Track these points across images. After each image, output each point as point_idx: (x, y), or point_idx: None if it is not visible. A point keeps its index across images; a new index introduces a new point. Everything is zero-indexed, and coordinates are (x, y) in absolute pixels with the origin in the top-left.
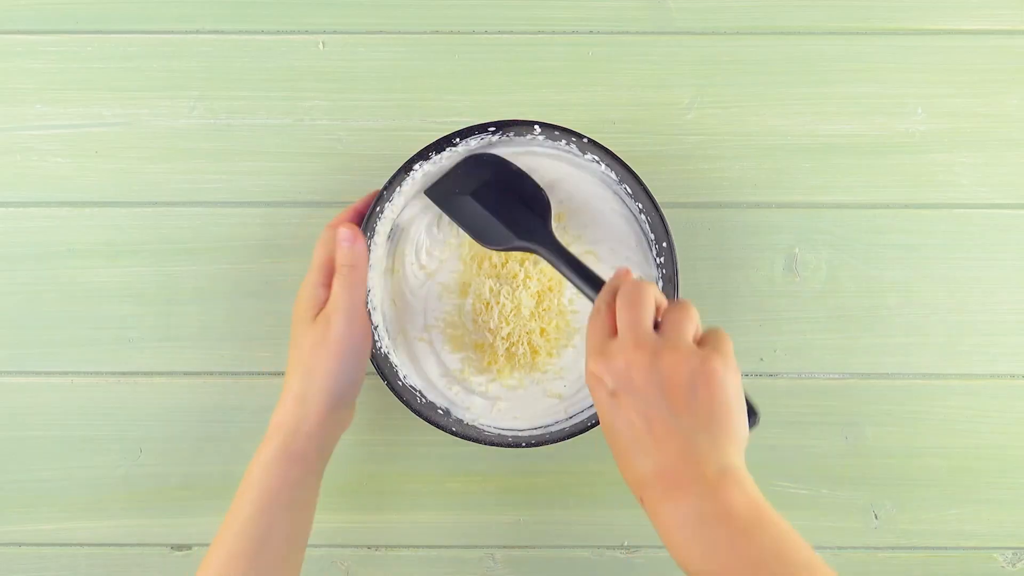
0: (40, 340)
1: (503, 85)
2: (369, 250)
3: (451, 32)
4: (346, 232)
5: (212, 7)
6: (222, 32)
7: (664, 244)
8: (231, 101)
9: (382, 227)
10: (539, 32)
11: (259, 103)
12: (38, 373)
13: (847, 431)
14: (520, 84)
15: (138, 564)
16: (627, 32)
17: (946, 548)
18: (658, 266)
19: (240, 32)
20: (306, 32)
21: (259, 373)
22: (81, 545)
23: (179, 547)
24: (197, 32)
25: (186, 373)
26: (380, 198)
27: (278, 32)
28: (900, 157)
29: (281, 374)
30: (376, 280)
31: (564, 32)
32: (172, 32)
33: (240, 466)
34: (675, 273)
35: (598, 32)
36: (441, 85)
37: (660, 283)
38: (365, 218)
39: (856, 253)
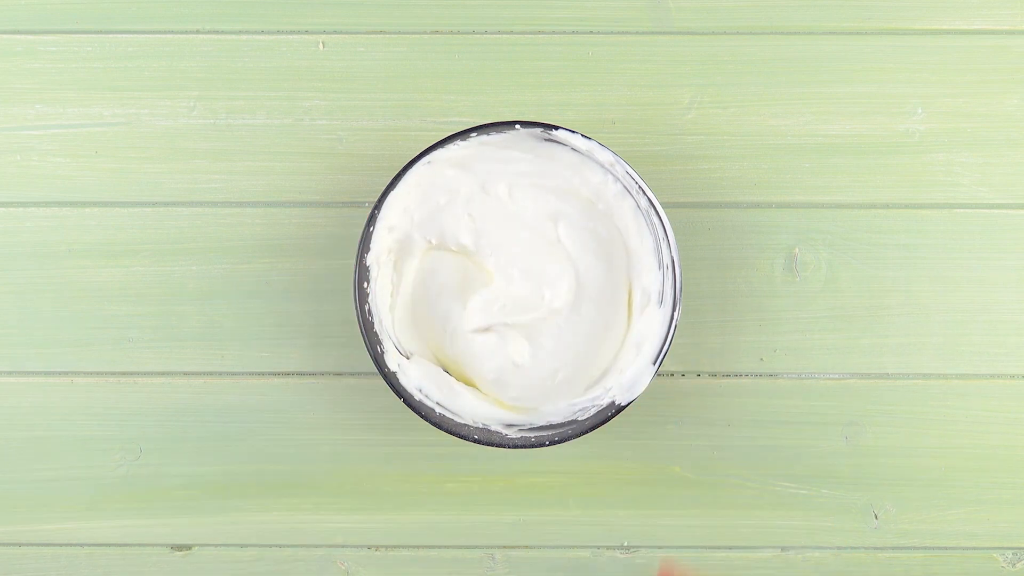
0: (40, 340)
1: (503, 85)
2: (365, 264)
3: (451, 32)
4: None
5: (212, 7)
6: (222, 32)
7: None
8: (231, 101)
9: (376, 244)
10: (539, 32)
11: (259, 103)
12: (37, 373)
13: (847, 431)
14: (520, 84)
15: (138, 564)
16: (627, 32)
17: (946, 548)
18: (661, 266)
19: (240, 32)
20: (306, 32)
21: (260, 373)
22: (81, 545)
23: (179, 547)
24: (197, 32)
25: (186, 373)
26: (371, 217)
27: (278, 32)
28: (900, 157)
29: (282, 374)
30: (382, 288)
31: (564, 32)
32: (172, 32)
33: (239, 466)
34: (674, 269)
35: (598, 32)
36: (441, 85)
37: (662, 282)
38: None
39: (856, 253)
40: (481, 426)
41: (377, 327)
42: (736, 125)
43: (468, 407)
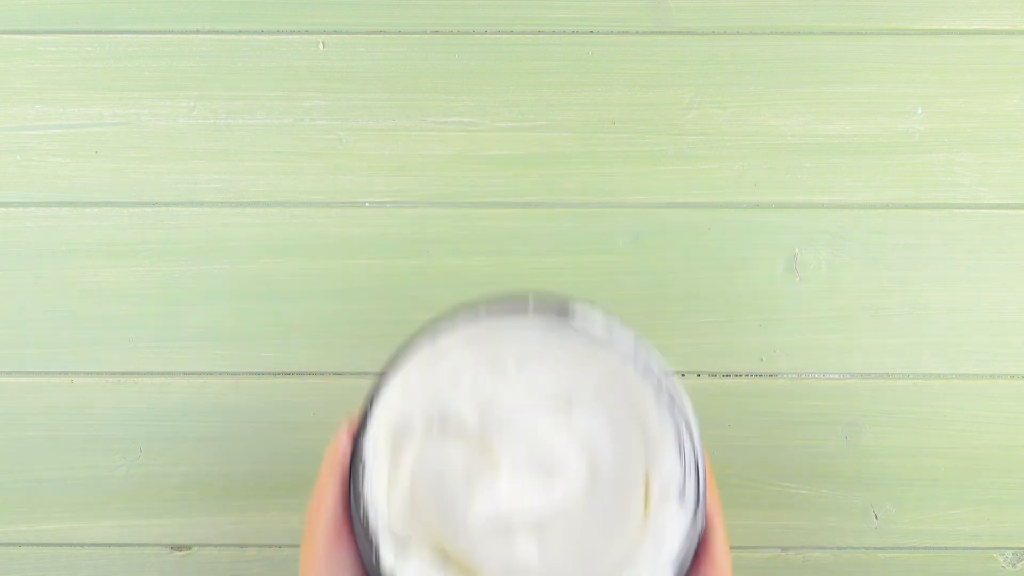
0: (40, 340)
1: (503, 85)
2: (361, 449)
3: (451, 32)
4: (339, 432)
5: (212, 7)
6: (222, 32)
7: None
8: (231, 101)
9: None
10: (539, 32)
11: (259, 103)
12: (38, 373)
13: (847, 431)
14: (520, 84)
15: (138, 564)
16: (627, 32)
17: (946, 548)
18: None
19: (240, 32)
20: (306, 32)
21: (260, 373)
22: (81, 545)
23: (179, 547)
24: (197, 32)
25: (186, 373)
26: (371, 399)
27: (278, 32)
28: (900, 157)
29: (282, 374)
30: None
31: (564, 32)
32: (172, 32)
33: (239, 466)
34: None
35: (598, 32)
36: (441, 85)
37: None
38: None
39: (857, 253)
40: None
41: (372, 521)
42: (736, 125)
43: None
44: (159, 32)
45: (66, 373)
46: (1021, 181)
